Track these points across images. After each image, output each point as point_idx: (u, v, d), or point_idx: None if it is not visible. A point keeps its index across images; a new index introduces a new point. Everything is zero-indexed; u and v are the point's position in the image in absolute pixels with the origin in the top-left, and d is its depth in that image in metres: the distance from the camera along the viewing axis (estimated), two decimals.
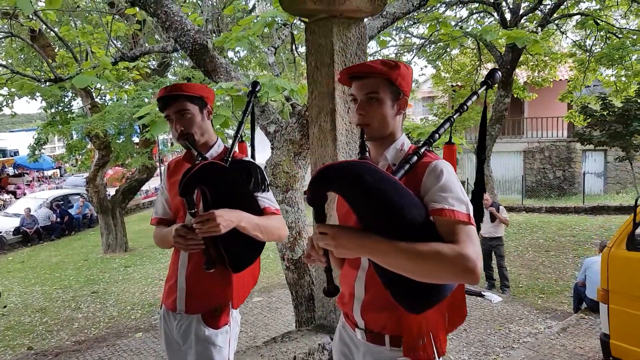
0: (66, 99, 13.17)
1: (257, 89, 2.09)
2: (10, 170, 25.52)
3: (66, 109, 13.14)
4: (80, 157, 14.52)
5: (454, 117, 1.58)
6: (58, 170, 28.08)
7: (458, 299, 1.57)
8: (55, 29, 5.90)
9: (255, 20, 3.94)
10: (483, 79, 1.67)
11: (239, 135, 1.96)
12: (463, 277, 1.21)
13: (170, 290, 1.91)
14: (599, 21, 9.91)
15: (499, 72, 1.69)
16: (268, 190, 1.87)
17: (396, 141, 1.49)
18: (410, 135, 4.56)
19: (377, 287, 1.40)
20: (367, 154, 1.51)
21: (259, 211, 1.80)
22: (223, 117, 3.17)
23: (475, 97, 1.63)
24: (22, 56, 12.65)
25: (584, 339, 4.75)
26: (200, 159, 1.80)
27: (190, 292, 1.86)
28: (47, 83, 4.53)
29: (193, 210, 1.66)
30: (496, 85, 12.58)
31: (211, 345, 1.83)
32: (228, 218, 1.63)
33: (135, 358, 5.45)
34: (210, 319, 1.84)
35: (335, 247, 1.26)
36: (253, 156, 2.00)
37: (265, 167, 4.28)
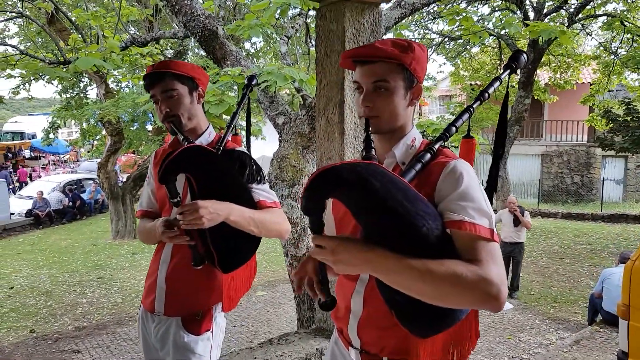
0: (82, 84, 13.18)
1: (253, 82, 1.92)
2: (27, 153, 25.82)
3: (81, 94, 13.15)
4: (96, 142, 14.57)
5: (474, 106, 1.38)
6: (74, 155, 28.34)
7: (472, 314, 1.37)
8: (68, 12, 5.81)
9: (267, 7, 3.78)
10: (506, 62, 1.47)
11: (232, 126, 1.80)
12: (483, 304, 1.01)
13: (149, 289, 1.76)
14: (626, 23, 9.57)
15: (525, 55, 1.46)
16: (264, 183, 1.71)
17: (406, 136, 1.29)
18: (425, 132, 4.37)
19: (378, 302, 1.21)
20: (374, 151, 1.31)
21: (253, 204, 1.64)
22: (227, 105, 3.02)
23: (497, 84, 1.41)
24: (40, 39, 12.65)
25: (598, 354, 4.53)
26: (186, 143, 1.64)
27: (170, 292, 1.70)
28: (53, 64, 4.44)
29: (176, 200, 1.50)
30: (516, 85, 12.29)
31: (190, 353, 1.67)
32: (214, 210, 1.47)
33: (133, 347, 5.38)
34: (191, 324, 1.69)
35: (335, 262, 1.07)
36: (249, 150, 1.85)
37: (273, 159, 4.15)
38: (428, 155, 1.22)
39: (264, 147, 15.37)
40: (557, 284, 7.80)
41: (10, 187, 17.42)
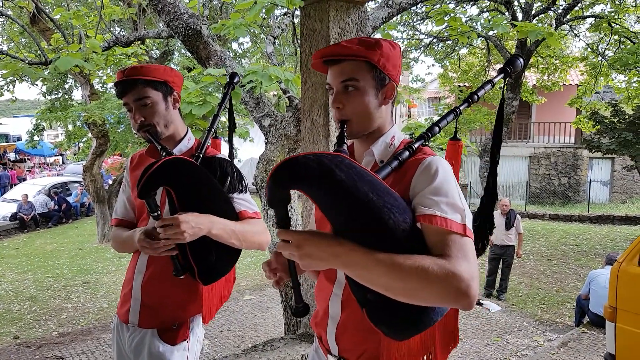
0: (66, 86, 12.99)
1: (235, 81, 1.86)
2: (12, 156, 25.43)
3: (66, 96, 12.96)
4: (82, 144, 14.38)
5: (461, 108, 1.34)
6: (60, 158, 27.98)
7: (451, 316, 1.33)
8: (50, 12, 5.70)
9: (252, 6, 3.71)
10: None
11: (213, 130, 1.73)
12: (453, 300, 0.97)
13: (124, 298, 1.70)
14: (613, 24, 9.65)
15: (521, 60, 1.43)
16: (246, 192, 1.65)
17: (385, 134, 1.26)
18: (413, 135, 4.35)
19: (357, 305, 1.16)
20: (346, 147, 1.26)
21: (234, 215, 1.59)
22: (211, 105, 2.95)
23: (489, 87, 1.38)
24: (23, 40, 12.46)
25: (586, 356, 4.53)
26: (164, 154, 1.57)
27: (146, 303, 1.64)
28: (34, 65, 4.34)
29: (155, 214, 1.44)
30: (504, 87, 12.27)
31: None
32: (196, 225, 1.42)
33: None
34: (167, 334, 1.63)
35: (300, 257, 1.02)
36: (231, 154, 1.78)
37: (259, 162, 4.09)
38: (407, 153, 1.20)
39: (252, 149, 15.25)
40: (545, 285, 7.81)
41: None
